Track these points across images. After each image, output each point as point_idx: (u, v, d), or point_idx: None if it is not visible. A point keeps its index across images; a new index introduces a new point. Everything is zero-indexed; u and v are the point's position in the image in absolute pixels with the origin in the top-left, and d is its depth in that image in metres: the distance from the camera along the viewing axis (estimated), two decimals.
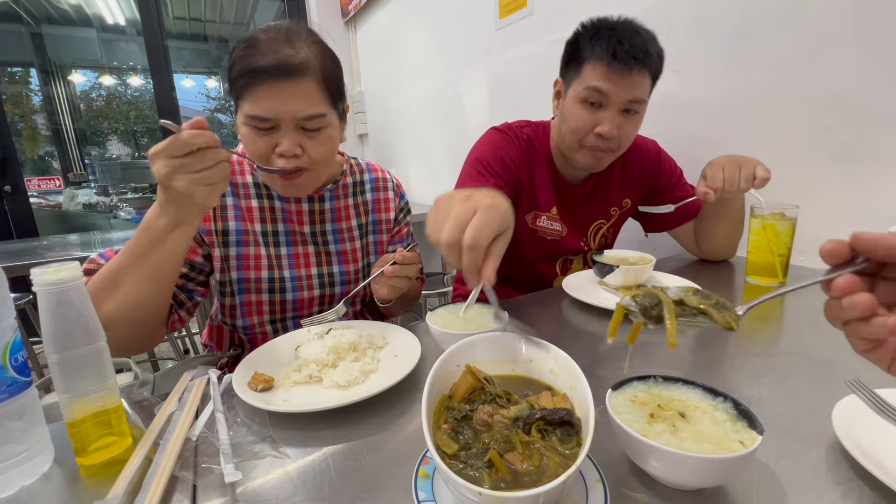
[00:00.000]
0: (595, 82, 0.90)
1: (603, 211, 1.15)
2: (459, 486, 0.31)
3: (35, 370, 2.01)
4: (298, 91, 0.71)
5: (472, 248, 0.43)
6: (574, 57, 0.95)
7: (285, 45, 0.71)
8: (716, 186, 0.90)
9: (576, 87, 0.94)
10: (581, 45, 0.93)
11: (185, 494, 0.43)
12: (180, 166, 0.57)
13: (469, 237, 0.43)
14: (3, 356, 0.43)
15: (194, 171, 0.58)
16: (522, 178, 1.06)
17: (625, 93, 0.90)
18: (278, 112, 0.71)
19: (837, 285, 0.32)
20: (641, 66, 0.87)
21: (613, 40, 0.87)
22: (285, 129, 0.73)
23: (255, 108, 0.70)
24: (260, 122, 0.71)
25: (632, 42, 0.86)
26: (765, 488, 0.40)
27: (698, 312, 0.40)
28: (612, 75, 0.88)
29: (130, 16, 4.54)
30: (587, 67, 0.91)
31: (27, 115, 4.77)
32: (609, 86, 0.89)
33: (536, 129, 1.10)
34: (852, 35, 0.93)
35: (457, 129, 2.40)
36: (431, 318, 0.68)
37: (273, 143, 0.73)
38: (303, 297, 0.90)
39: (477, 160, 1.02)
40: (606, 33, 0.88)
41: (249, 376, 0.61)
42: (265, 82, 0.69)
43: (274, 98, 0.70)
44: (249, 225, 0.86)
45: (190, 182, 0.58)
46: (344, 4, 3.32)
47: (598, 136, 0.93)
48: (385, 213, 1.00)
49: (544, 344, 0.46)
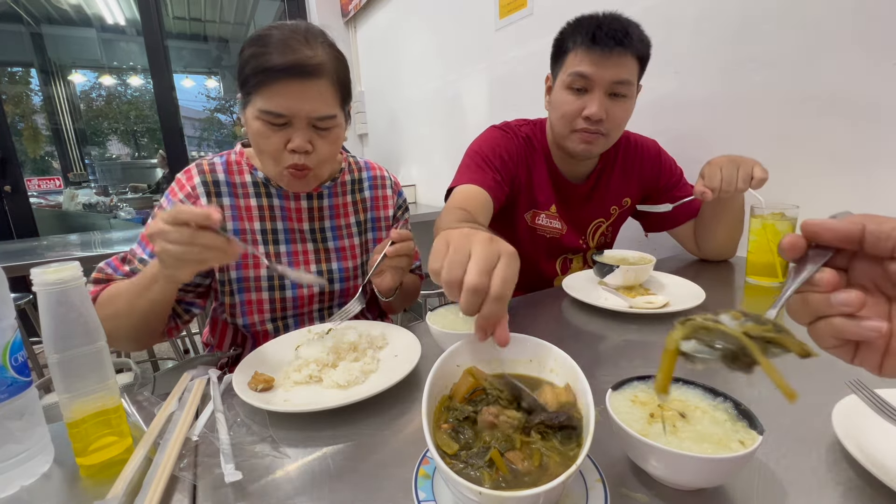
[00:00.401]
0: (578, 67, 0.92)
1: (602, 209, 1.15)
2: (459, 486, 0.31)
3: (35, 370, 2.01)
4: (314, 91, 0.73)
5: (500, 299, 0.40)
6: (559, 49, 0.98)
7: (304, 46, 0.73)
8: (713, 186, 0.90)
9: (561, 75, 0.97)
10: (564, 37, 0.96)
11: (185, 494, 0.43)
12: (162, 232, 0.59)
13: (498, 287, 0.40)
14: (3, 356, 0.43)
15: (170, 240, 0.59)
16: (521, 175, 1.06)
17: (608, 74, 0.91)
18: (294, 110, 0.73)
19: (826, 280, 0.31)
20: (622, 47, 0.89)
21: (593, 26, 0.90)
22: (298, 126, 0.75)
23: (270, 104, 0.72)
24: (275, 118, 0.73)
25: (611, 26, 0.89)
26: (765, 488, 0.40)
27: (767, 342, 0.32)
28: (593, 58, 0.90)
29: (130, 16, 4.54)
30: (570, 56, 0.94)
31: (27, 115, 4.77)
32: (591, 69, 0.91)
33: (534, 127, 1.11)
34: (852, 35, 0.93)
35: (457, 129, 2.40)
36: (431, 318, 0.68)
37: (285, 138, 0.75)
38: (302, 294, 0.90)
39: (476, 153, 1.03)
40: (587, 22, 0.92)
41: (249, 376, 0.61)
42: (284, 80, 0.71)
43: (291, 96, 0.72)
44: (248, 224, 0.87)
45: (161, 249, 0.60)
46: (344, 4, 3.32)
47: (587, 120, 0.95)
48: (384, 210, 1.01)
49: (544, 344, 0.46)
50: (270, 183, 0.88)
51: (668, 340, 0.35)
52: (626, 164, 1.12)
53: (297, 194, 0.90)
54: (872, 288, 0.31)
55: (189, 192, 0.84)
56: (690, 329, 0.34)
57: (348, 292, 0.96)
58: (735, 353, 0.32)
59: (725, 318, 0.34)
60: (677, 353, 0.35)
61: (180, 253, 0.59)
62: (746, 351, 0.32)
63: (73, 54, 5.10)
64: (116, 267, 0.82)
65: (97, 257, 1.74)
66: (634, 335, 0.75)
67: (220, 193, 0.85)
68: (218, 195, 0.85)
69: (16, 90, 4.68)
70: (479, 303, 0.40)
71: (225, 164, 0.87)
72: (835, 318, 0.31)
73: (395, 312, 1.12)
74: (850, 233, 0.29)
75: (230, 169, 0.87)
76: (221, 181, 0.85)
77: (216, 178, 0.85)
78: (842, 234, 0.30)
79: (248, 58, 0.73)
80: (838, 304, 0.30)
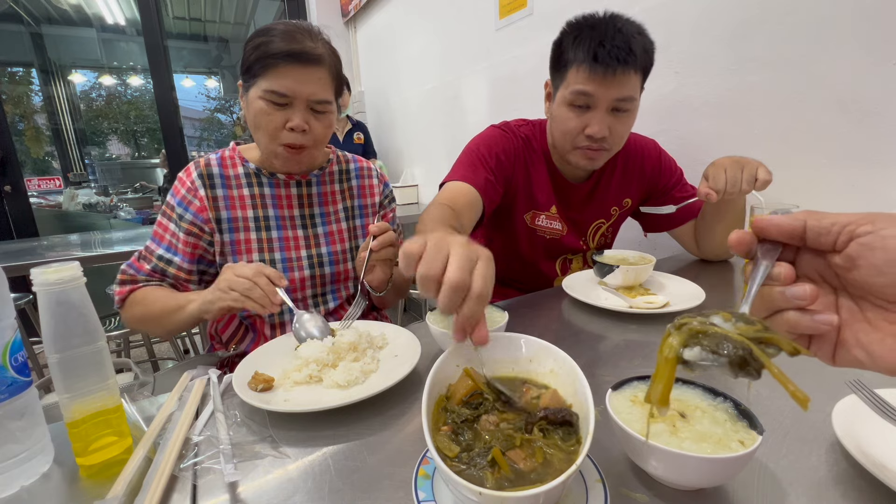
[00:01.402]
0: (579, 86, 0.90)
1: (603, 210, 1.15)
2: (460, 486, 0.31)
3: (35, 370, 2.01)
4: (315, 77, 0.82)
5: (481, 298, 0.39)
6: (559, 59, 0.94)
7: (307, 38, 0.82)
8: (718, 188, 0.90)
9: (562, 90, 0.94)
10: (564, 46, 0.92)
11: (185, 494, 0.43)
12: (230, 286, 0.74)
13: (479, 285, 0.39)
14: (3, 356, 0.43)
15: (238, 274, 0.73)
16: (518, 176, 1.06)
17: (610, 93, 0.89)
18: (296, 91, 0.81)
19: (784, 274, 0.32)
20: (625, 65, 0.86)
21: (595, 41, 0.86)
22: (297, 107, 0.83)
23: (275, 84, 0.80)
24: (278, 98, 0.81)
25: (613, 42, 0.85)
26: (765, 488, 0.40)
27: (759, 342, 0.31)
28: (596, 77, 0.87)
29: (130, 16, 4.54)
30: (571, 71, 0.91)
31: (28, 116, 4.77)
32: (593, 87, 0.89)
33: (534, 127, 1.11)
34: (852, 35, 0.93)
35: (457, 129, 2.40)
36: (431, 318, 0.68)
37: (285, 118, 0.83)
38: (294, 277, 0.94)
39: (472, 151, 1.03)
40: (588, 33, 0.87)
41: (249, 376, 0.61)
42: (288, 64, 0.80)
43: (294, 78, 0.81)
44: (240, 212, 0.92)
45: (228, 281, 0.74)
46: (344, 4, 3.32)
47: (590, 138, 0.93)
48: (370, 197, 1.05)
49: (544, 344, 0.46)
50: (262, 172, 0.93)
51: (666, 347, 0.33)
52: (627, 165, 1.12)
53: (287, 182, 0.95)
54: (819, 279, 0.33)
55: (189, 186, 0.90)
56: (688, 334, 0.32)
57: (339, 276, 0.99)
58: (744, 358, 0.30)
59: (718, 321, 0.32)
60: (677, 362, 0.32)
61: (236, 282, 0.72)
62: (754, 356, 0.30)
63: (73, 54, 5.10)
64: (138, 268, 0.91)
65: (97, 257, 1.74)
66: (634, 335, 0.75)
67: (215, 185, 0.91)
68: (213, 186, 0.91)
69: (16, 90, 4.68)
70: (460, 301, 0.39)
71: (219, 159, 0.93)
72: (789, 312, 0.32)
73: (389, 306, 1.14)
74: (793, 228, 0.31)
75: (224, 163, 0.93)
76: (216, 174, 0.91)
77: (211, 172, 0.91)
78: (786, 230, 0.32)
79: (255, 47, 0.81)
80: (792, 297, 0.31)
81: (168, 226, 0.90)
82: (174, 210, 0.89)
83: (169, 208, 0.90)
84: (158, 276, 0.90)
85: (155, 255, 0.90)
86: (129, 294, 0.90)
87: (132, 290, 0.90)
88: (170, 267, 0.90)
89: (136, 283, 0.91)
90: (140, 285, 0.91)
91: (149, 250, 0.91)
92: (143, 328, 0.93)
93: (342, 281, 1.00)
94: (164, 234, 0.91)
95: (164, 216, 0.91)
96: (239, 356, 0.92)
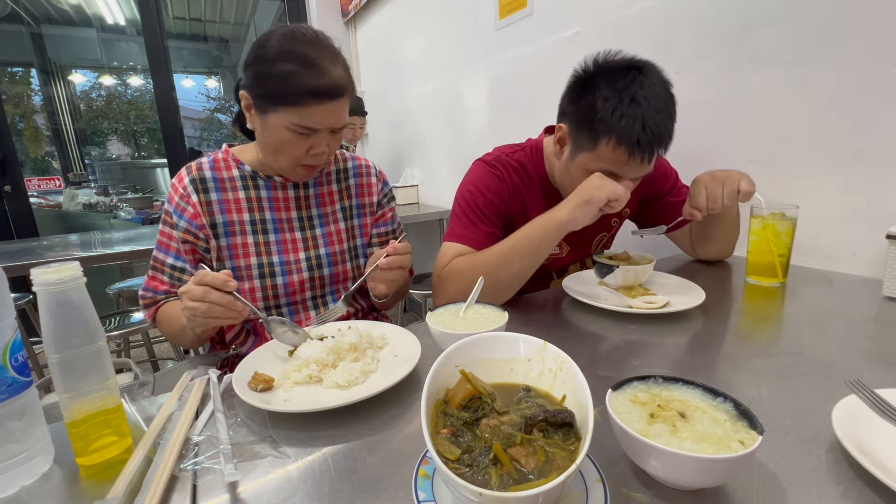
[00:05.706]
0: (613, 167, 0.86)
1: (605, 224, 1.13)
2: (460, 487, 0.31)
3: (35, 370, 2.02)
4: (341, 107, 0.83)
5: None
6: (587, 118, 0.84)
7: (333, 66, 0.80)
8: (699, 205, 0.90)
9: (588, 160, 0.87)
10: (597, 107, 0.82)
11: (185, 494, 0.43)
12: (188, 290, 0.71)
13: None
14: (3, 356, 0.43)
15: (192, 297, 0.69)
16: (514, 210, 1.02)
17: (642, 171, 0.87)
18: (325, 125, 0.82)
19: None
20: (662, 150, 0.84)
21: (638, 123, 0.79)
22: (322, 134, 0.83)
23: (306, 120, 0.80)
24: (307, 131, 0.81)
25: (656, 127, 0.80)
26: (765, 488, 0.40)
27: None
28: (634, 163, 0.83)
29: (130, 16, 4.55)
30: (603, 144, 0.83)
31: (28, 116, 4.77)
32: (628, 170, 0.86)
33: (528, 152, 1.06)
34: (852, 35, 0.93)
35: (457, 129, 2.40)
36: (431, 318, 0.68)
37: (308, 145, 0.83)
38: (293, 280, 0.93)
39: (467, 203, 0.99)
40: (630, 110, 0.80)
41: (249, 376, 0.61)
42: (321, 102, 0.79)
43: (324, 114, 0.80)
44: (236, 216, 0.91)
45: (185, 306, 0.70)
46: (344, 4, 3.32)
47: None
48: (368, 196, 1.04)
49: (544, 343, 0.46)
50: (258, 175, 0.92)
51: None
52: None
53: (285, 184, 0.94)
54: None
55: (182, 192, 0.89)
56: None
57: (338, 277, 0.99)
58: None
59: None
60: None
61: (194, 308, 0.68)
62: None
63: (73, 54, 5.10)
64: (155, 288, 0.92)
65: (97, 257, 1.75)
66: (634, 335, 0.75)
67: (208, 189, 0.90)
68: (206, 191, 0.90)
69: (16, 90, 4.68)
70: None
71: (212, 162, 0.92)
72: None
73: (388, 309, 1.15)
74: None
75: (217, 166, 0.92)
76: (208, 178, 0.90)
77: (203, 176, 0.90)
78: None
79: (279, 77, 0.77)
80: None
81: (172, 233, 0.90)
82: (171, 217, 0.89)
83: (167, 216, 0.90)
84: (177, 287, 0.90)
85: (167, 265, 0.90)
86: (156, 313, 0.92)
87: (157, 310, 0.92)
88: (184, 275, 0.90)
89: (157, 302, 0.92)
90: (162, 303, 0.92)
91: (159, 261, 0.91)
92: (179, 343, 1.00)
93: (341, 282, 1.00)
94: (169, 243, 0.90)
95: (165, 224, 0.91)
96: (239, 356, 0.92)
